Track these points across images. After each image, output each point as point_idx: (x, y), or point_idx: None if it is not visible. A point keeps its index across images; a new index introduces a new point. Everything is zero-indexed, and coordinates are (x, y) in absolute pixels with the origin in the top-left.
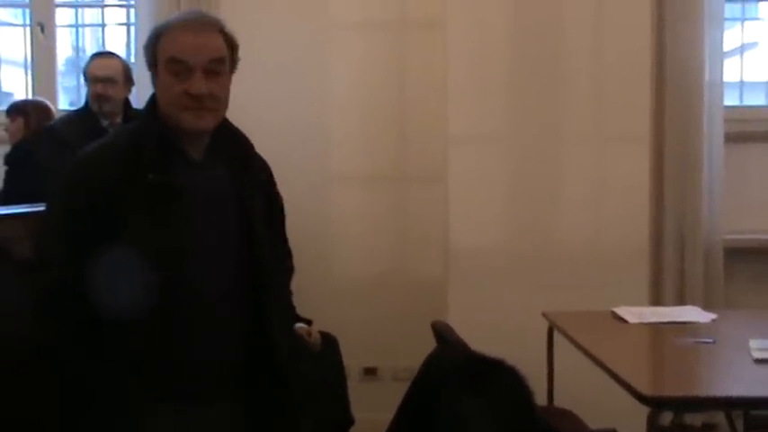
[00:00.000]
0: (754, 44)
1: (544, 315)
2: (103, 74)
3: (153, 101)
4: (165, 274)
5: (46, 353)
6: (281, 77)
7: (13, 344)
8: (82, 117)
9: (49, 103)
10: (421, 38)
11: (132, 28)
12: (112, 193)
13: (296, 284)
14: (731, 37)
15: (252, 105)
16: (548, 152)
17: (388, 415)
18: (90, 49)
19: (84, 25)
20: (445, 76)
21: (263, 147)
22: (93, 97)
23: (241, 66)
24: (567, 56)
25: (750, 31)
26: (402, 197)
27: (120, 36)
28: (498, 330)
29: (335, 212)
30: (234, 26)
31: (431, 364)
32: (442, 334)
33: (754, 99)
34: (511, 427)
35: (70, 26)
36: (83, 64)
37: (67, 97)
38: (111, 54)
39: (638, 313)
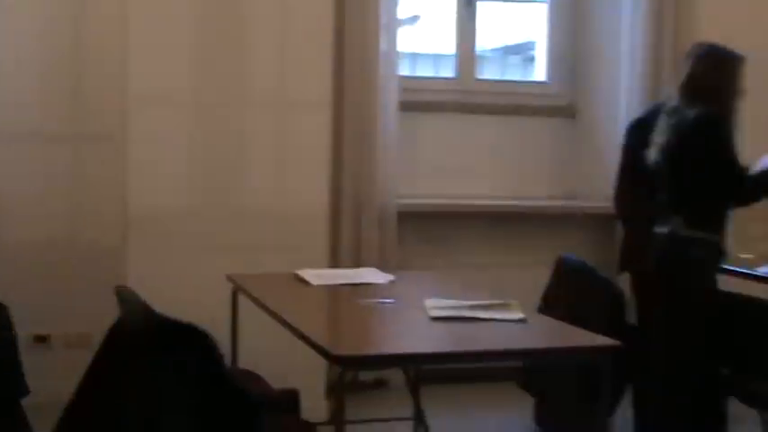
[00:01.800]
0: (416, 17)
1: (228, 277)
2: None
3: None
4: None
5: None
6: None
7: None
8: None
9: None
10: None
11: None
12: None
13: None
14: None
15: None
16: (232, 115)
17: (62, 382)
18: None
19: None
20: (125, 34)
21: None
22: None
23: None
24: (252, 19)
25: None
26: (77, 157)
27: None
28: (181, 294)
29: (2, 173)
30: None
31: (117, 330)
32: (126, 299)
33: (424, 71)
34: (201, 390)
35: None
36: None
37: None
38: None
39: (320, 275)
